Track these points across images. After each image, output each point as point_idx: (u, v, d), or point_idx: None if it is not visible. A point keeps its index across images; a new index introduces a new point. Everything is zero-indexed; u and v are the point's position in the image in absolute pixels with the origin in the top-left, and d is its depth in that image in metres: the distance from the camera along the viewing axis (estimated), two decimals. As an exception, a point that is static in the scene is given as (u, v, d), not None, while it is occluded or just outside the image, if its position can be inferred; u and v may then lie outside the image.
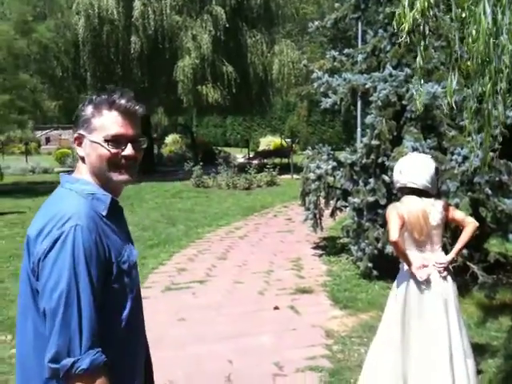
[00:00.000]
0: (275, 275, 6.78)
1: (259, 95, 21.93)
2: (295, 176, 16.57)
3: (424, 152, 5.72)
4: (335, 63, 7.76)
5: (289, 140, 23.82)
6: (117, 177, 1.58)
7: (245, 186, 15.84)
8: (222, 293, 6.08)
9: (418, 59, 2.44)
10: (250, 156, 23.87)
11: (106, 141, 1.54)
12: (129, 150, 1.57)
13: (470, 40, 2.34)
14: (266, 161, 21.01)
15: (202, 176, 16.50)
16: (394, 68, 6.60)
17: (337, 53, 7.84)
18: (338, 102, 7.13)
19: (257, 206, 12.48)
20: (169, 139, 30.23)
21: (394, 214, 3.27)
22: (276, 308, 5.50)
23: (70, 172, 1.68)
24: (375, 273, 6.18)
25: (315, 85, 7.23)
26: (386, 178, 6.05)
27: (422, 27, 2.32)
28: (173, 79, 18.80)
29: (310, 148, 7.80)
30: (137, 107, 1.60)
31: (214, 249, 8.34)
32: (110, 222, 1.54)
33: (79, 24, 18.30)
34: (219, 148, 27.07)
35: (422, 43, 2.57)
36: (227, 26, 18.99)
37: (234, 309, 5.54)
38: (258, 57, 20.50)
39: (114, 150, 1.55)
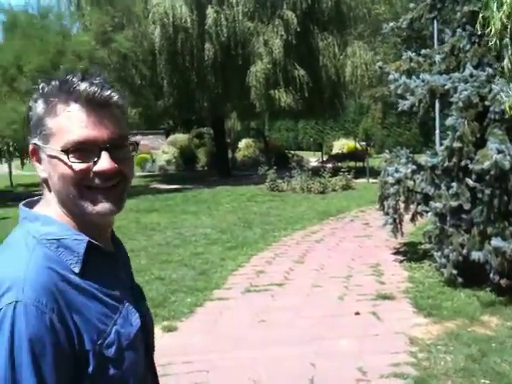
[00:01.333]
0: (354, 280, 6.73)
1: (332, 98, 21.77)
2: (371, 180, 16.34)
3: (510, 154, 5.51)
4: (412, 64, 7.60)
5: (363, 143, 23.45)
6: (91, 207, 1.00)
7: (319, 190, 15.77)
8: (300, 296, 6.12)
9: (505, 62, 2.38)
10: (324, 159, 23.73)
11: (65, 152, 0.98)
12: (103, 163, 0.99)
13: None
14: (340, 164, 20.81)
15: (276, 180, 16.59)
16: (475, 68, 6.38)
17: (413, 53, 7.68)
18: (416, 104, 6.97)
19: (332, 210, 12.41)
20: (242, 144, 30.65)
21: None
22: (357, 313, 5.46)
23: (35, 201, 1.11)
24: (460, 280, 5.98)
25: (392, 87, 7.12)
26: (470, 181, 5.86)
27: (509, 30, 2.27)
28: (246, 84, 19.08)
29: (387, 151, 7.68)
30: (108, 93, 1.01)
31: (290, 252, 8.39)
32: (88, 280, 0.99)
33: (155, 33, 18.96)
34: (292, 152, 27.10)
35: (510, 46, 2.50)
36: (298, 29, 19.03)
37: (314, 312, 5.56)
38: (330, 59, 20.37)
39: (78, 166, 0.99)
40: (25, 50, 15.48)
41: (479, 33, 5.65)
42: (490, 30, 2.31)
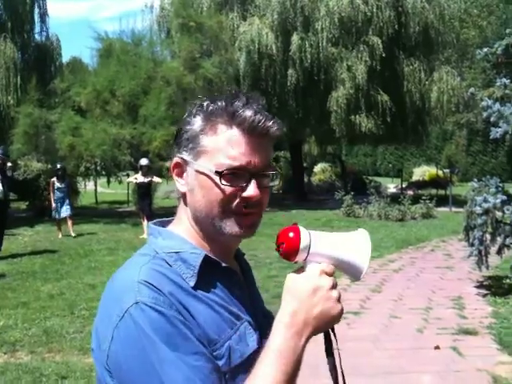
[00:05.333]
0: (434, 313, 6.45)
1: (415, 124, 21.31)
2: (454, 209, 15.72)
3: None
4: (506, 91, 7.30)
5: (446, 170, 22.67)
6: (229, 229, 1.01)
7: (398, 218, 15.36)
8: (377, 326, 5.94)
9: None
10: (403, 186, 23.14)
11: (219, 173, 0.99)
12: (252, 190, 1.00)
13: None
14: (420, 192, 20.20)
15: (353, 205, 16.36)
16: None
17: (508, 80, 7.38)
18: (510, 132, 6.68)
19: (412, 239, 12.02)
20: (318, 168, 30.59)
21: None
22: (437, 347, 5.22)
23: (167, 221, 1.12)
24: (551, 319, 5.59)
25: (484, 113, 6.88)
26: None
27: None
28: (326, 109, 19.10)
29: (475, 180, 7.38)
30: (270, 123, 1.01)
31: (367, 280, 8.18)
32: (204, 292, 0.98)
33: (241, 59, 19.48)
34: (369, 177, 26.68)
35: None
36: (383, 55, 18.87)
37: (392, 344, 5.37)
38: (415, 85, 19.99)
39: (228, 189, 0.99)
40: (118, 75, 16.37)
41: None
42: None
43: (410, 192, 20.01)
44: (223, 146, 0.99)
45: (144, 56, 17.73)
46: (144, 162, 12.09)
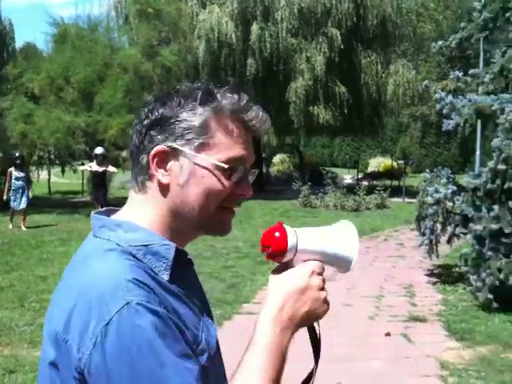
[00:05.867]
0: (386, 301, 6.60)
1: (371, 116, 21.65)
2: (407, 199, 16.09)
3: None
4: (459, 83, 7.49)
5: (401, 162, 23.19)
6: (219, 226, 1.00)
7: (353, 208, 15.62)
8: (330, 315, 5.97)
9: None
10: (359, 177, 23.55)
11: (227, 169, 0.95)
12: (250, 188, 1.00)
13: None
14: (375, 182, 20.59)
15: (310, 196, 16.52)
16: (524, 89, 6.24)
17: (461, 73, 7.58)
18: (462, 124, 6.86)
19: (366, 229, 12.23)
20: (276, 159, 30.71)
21: None
22: (388, 334, 5.34)
23: (111, 210, 1.02)
24: (495, 305, 5.81)
25: (438, 106, 7.03)
26: (512, 205, 5.70)
27: None
28: (285, 100, 19.16)
29: (427, 171, 7.56)
30: (266, 125, 1.01)
31: (322, 269, 8.30)
32: (176, 286, 0.93)
33: (200, 48, 19.29)
34: (326, 168, 26.99)
35: None
36: (342, 47, 19.05)
37: (344, 331, 5.45)
38: (372, 77, 20.29)
39: (233, 186, 0.96)
40: (73, 61, 15.92)
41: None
42: None
43: (366, 183, 20.37)
44: (231, 141, 0.96)
45: (100, 42, 17.29)
46: (99, 150, 11.85)
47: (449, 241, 7.17)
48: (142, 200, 0.98)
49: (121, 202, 1.06)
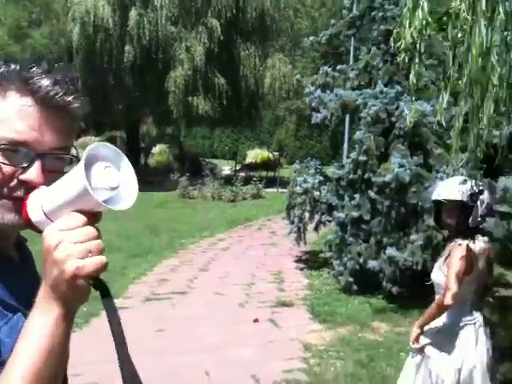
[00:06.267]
0: (256, 288, 6.73)
1: (249, 108, 21.98)
2: (281, 189, 16.59)
3: (410, 169, 5.76)
4: (327, 79, 7.82)
5: (276, 153, 23.87)
6: (4, 214, 0.86)
7: (230, 198, 15.80)
8: (202, 304, 6.01)
9: (411, 77, 2.44)
10: (237, 168, 23.87)
11: None
12: (33, 173, 0.84)
13: (462, 60, 2.34)
14: (252, 173, 21.00)
15: (188, 187, 16.43)
16: (385, 85, 6.65)
17: (329, 68, 7.91)
18: (329, 117, 7.16)
19: (241, 219, 12.43)
20: (156, 149, 30.11)
21: None
22: (256, 321, 5.44)
23: None
24: (355, 287, 6.17)
25: (307, 99, 7.28)
26: (372, 193, 6.06)
27: (418, 45, 2.33)
28: (164, 89, 18.79)
29: (297, 162, 7.82)
30: (70, 98, 0.86)
31: (196, 260, 8.27)
32: None
33: (74, 31, 18.26)
34: (206, 159, 27.02)
35: (417, 61, 2.58)
36: (222, 38, 19.07)
37: (214, 320, 5.47)
38: (251, 70, 20.58)
39: (6, 169, 0.84)
40: None
41: (392, 51, 5.91)
42: (401, 46, 2.36)
43: (243, 174, 20.70)
44: (10, 116, 0.83)
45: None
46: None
47: (316, 228, 7.48)
48: None
49: None
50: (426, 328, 2.73)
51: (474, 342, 2.63)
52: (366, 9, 7.75)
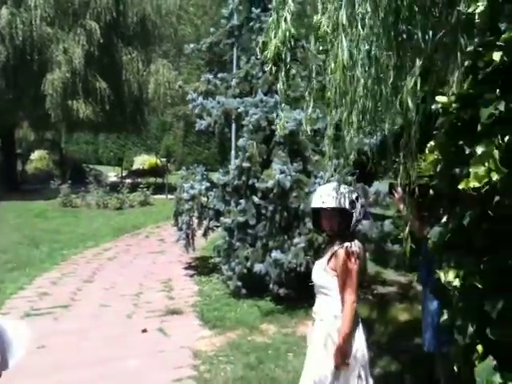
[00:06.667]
0: (145, 297, 6.63)
1: (134, 113, 21.50)
2: (170, 196, 16.44)
3: (290, 175, 6.01)
4: (209, 86, 7.91)
5: (164, 159, 23.62)
6: None
7: (116, 206, 15.35)
8: (86, 317, 5.81)
9: (279, 85, 2.57)
10: (124, 175, 23.27)
11: None
12: None
13: (329, 71, 2.51)
14: (139, 180, 20.59)
15: (70, 195, 15.72)
16: (265, 94, 6.87)
17: (211, 76, 8.01)
18: (212, 124, 7.25)
19: (128, 227, 12.14)
20: (35, 155, 28.43)
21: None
22: (144, 331, 5.37)
23: None
24: (244, 291, 6.30)
25: (190, 106, 7.32)
26: (256, 199, 6.23)
27: (283, 55, 2.46)
28: (41, 92, 17.80)
29: (184, 168, 7.82)
30: None
31: (79, 271, 7.96)
32: None
33: None
34: (90, 166, 26.03)
35: (284, 70, 2.72)
36: (102, 41, 18.48)
37: (100, 333, 5.31)
38: (134, 74, 20.16)
39: None
40: None
41: (259, 58, 6.11)
42: (267, 55, 2.46)
43: (129, 180, 20.23)
44: None
45: None
46: None
47: (204, 234, 7.53)
48: None
49: None
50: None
51: (356, 336, 2.81)
52: (244, 19, 7.96)
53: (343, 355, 2.70)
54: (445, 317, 1.98)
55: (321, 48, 2.43)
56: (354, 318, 2.76)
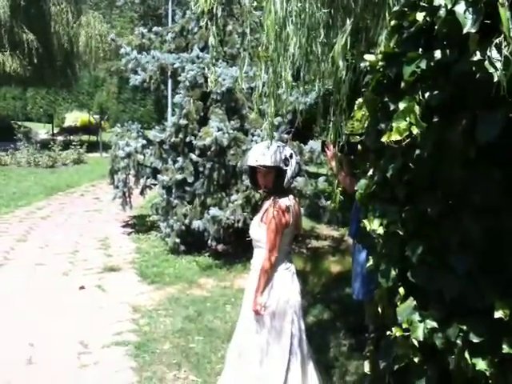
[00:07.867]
0: (81, 255, 6.58)
1: (64, 67, 20.63)
2: (104, 154, 16.08)
3: (228, 132, 6.05)
4: (144, 40, 7.71)
5: (97, 117, 22.92)
6: None
7: (48, 164, 14.89)
8: (21, 276, 5.71)
9: (210, 39, 2.57)
10: (55, 132, 22.43)
11: None
12: None
13: (265, 29, 2.53)
14: (72, 138, 19.95)
15: (-1, 153, 15.09)
16: (202, 50, 6.78)
17: (146, 30, 7.79)
18: (147, 80, 7.10)
19: (62, 185, 11.83)
20: (-43, 111, 26.80)
21: None
22: (82, 288, 5.36)
23: None
24: (182, 248, 6.39)
25: (123, 61, 7.11)
26: (194, 156, 6.24)
27: (215, 9, 2.46)
28: (-39, 43, 16.71)
29: (119, 125, 7.66)
30: None
31: (12, 231, 7.74)
32: None
33: None
34: (19, 123, 24.88)
35: (215, 24, 2.72)
36: (27, -10, 17.45)
37: (35, 292, 5.25)
38: (64, 26, 19.25)
39: None
40: None
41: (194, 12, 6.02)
42: (198, 8, 2.46)
43: (62, 138, 19.57)
44: None
45: None
46: None
47: (142, 192, 7.48)
48: None
49: None
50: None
51: (289, 284, 2.96)
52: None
53: (258, 304, 2.85)
54: (370, 262, 2.13)
55: (255, 4, 2.46)
56: (268, 272, 2.86)
